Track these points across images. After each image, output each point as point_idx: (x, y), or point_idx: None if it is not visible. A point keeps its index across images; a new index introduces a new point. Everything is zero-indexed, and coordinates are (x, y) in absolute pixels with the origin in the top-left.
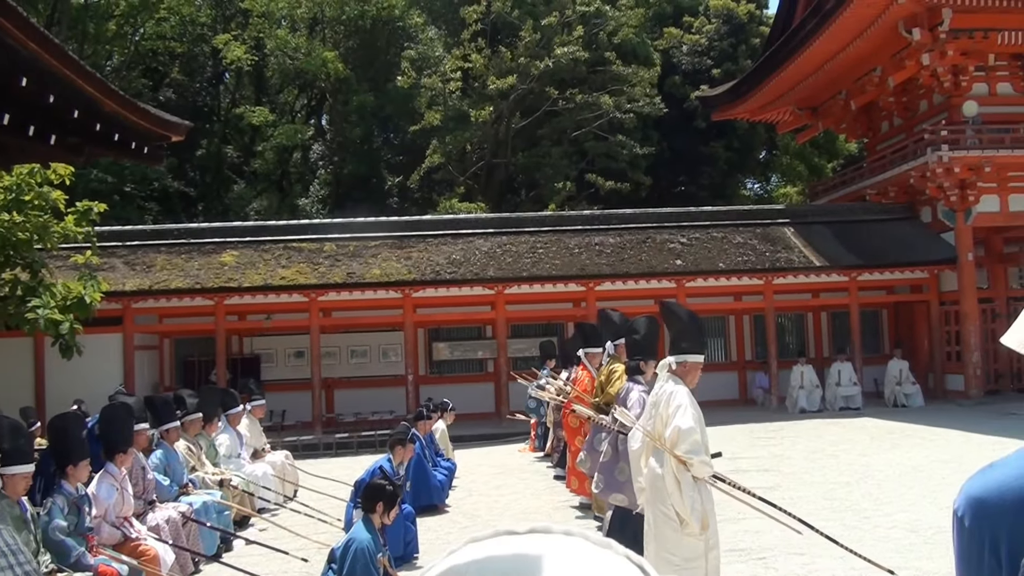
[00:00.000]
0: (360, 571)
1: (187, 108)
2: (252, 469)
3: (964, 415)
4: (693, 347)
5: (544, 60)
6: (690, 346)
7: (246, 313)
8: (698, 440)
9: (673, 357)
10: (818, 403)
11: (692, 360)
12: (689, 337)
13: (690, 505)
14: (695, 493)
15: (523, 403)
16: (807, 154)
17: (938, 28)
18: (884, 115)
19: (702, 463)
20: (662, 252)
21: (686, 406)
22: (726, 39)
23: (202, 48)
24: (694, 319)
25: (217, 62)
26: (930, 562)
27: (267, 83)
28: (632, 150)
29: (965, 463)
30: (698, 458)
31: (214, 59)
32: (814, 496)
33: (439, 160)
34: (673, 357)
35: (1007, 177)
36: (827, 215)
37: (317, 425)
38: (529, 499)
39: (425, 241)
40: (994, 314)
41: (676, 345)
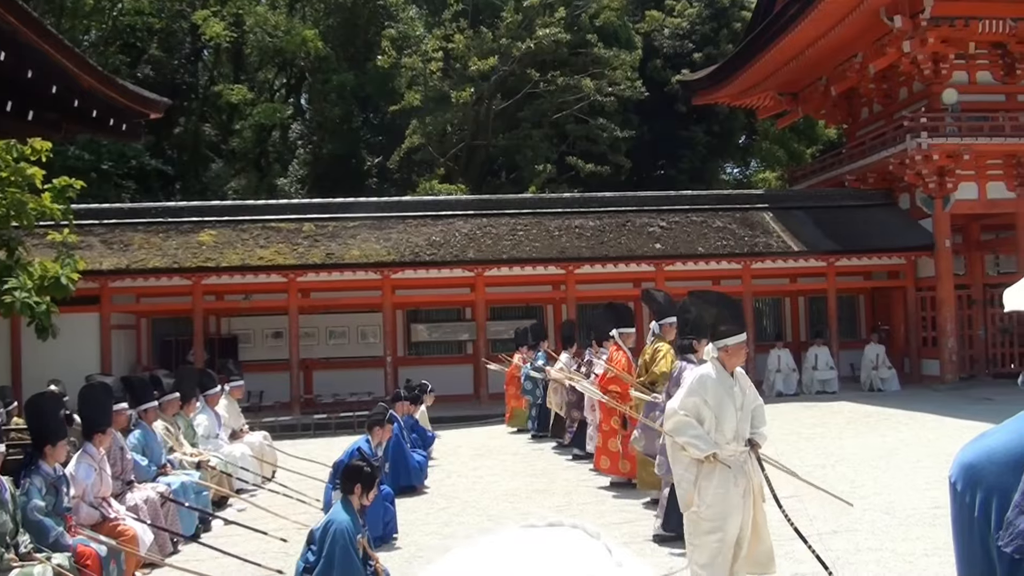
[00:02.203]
0: (340, 552)
1: (165, 85)
2: (230, 450)
3: (939, 400)
4: (731, 329)
5: (526, 41)
6: (728, 328)
7: (224, 293)
8: (683, 420)
9: (712, 344)
10: (795, 387)
11: (733, 343)
12: (725, 320)
13: (677, 481)
14: (685, 472)
15: (502, 384)
16: (787, 139)
17: (919, 15)
18: (864, 102)
19: (687, 443)
20: (642, 236)
21: (687, 388)
22: (708, 23)
23: (180, 24)
24: (724, 301)
25: (196, 39)
26: (904, 543)
27: (246, 61)
28: (612, 133)
29: (939, 447)
30: (682, 438)
31: (193, 35)
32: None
33: (419, 141)
34: (712, 344)
35: (985, 165)
36: (806, 200)
37: (295, 406)
38: (508, 480)
39: (405, 222)
40: (970, 301)
41: (715, 330)
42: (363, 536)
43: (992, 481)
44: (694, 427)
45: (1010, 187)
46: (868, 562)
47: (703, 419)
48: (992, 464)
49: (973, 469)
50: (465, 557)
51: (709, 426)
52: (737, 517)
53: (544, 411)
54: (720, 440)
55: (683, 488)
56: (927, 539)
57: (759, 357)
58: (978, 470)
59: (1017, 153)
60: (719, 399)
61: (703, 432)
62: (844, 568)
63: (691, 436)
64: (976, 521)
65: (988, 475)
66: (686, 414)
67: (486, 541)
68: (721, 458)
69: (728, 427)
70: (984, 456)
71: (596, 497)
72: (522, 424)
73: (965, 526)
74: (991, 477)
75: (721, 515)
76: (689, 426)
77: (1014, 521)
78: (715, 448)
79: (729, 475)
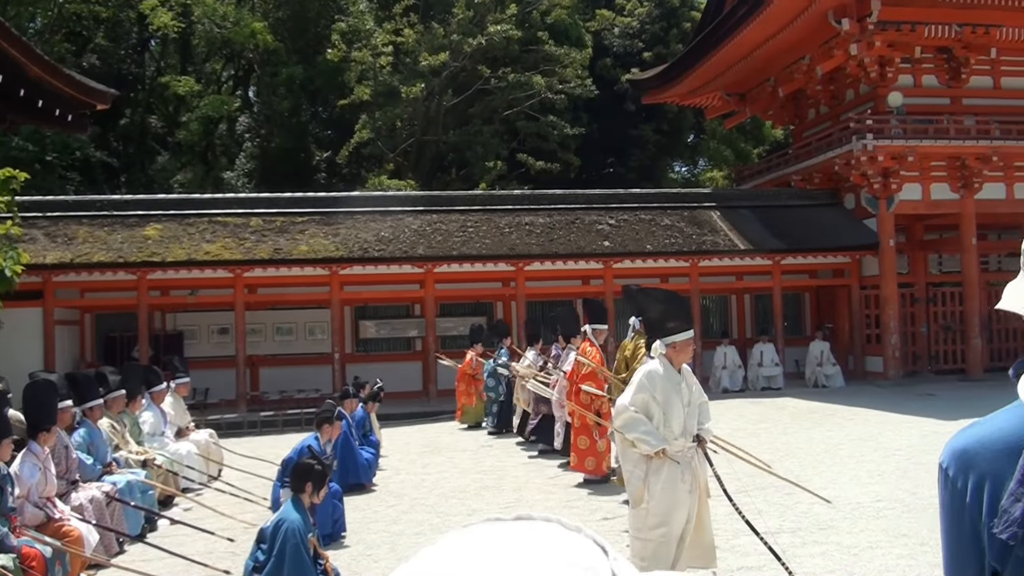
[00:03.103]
0: (291, 551)
1: (111, 76)
2: (176, 448)
3: (883, 396)
4: (679, 326)
5: (477, 37)
6: (676, 325)
7: (170, 288)
8: (633, 417)
9: (660, 340)
10: (740, 383)
11: (680, 339)
12: (673, 316)
13: (627, 477)
14: (635, 468)
15: (451, 381)
16: (734, 139)
17: (867, 19)
18: (811, 103)
19: (637, 439)
20: (591, 233)
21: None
22: (658, 22)
23: (128, 13)
24: (672, 298)
25: (143, 28)
26: (850, 536)
27: (193, 52)
28: (563, 131)
29: (883, 441)
30: (632, 434)
31: (140, 25)
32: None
33: (369, 136)
34: (660, 340)
35: (929, 167)
36: (753, 200)
37: (242, 403)
38: (457, 478)
39: (353, 218)
40: (913, 299)
41: (662, 327)
42: (314, 535)
43: (985, 467)
44: (644, 423)
45: (953, 188)
46: (814, 555)
47: (652, 415)
48: (986, 450)
49: (966, 455)
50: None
51: (658, 422)
52: (683, 512)
53: (506, 408)
54: (668, 436)
55: (633, 484)
56: (871, 532)
57: (706, 354)
58: (971, 455)
59: (961, 155)
60: (667, 395)
61: (653, 428)
62: (790, 560)
63: (641, 432)
64: (968, 506)
65: (981, 461)
66: (636, 410)
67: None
68: (670, 454)
69: (676, 423)
70: (977, 442)
71: (544, 494)
72: (473, 420)
73: (956, 511)
74: (984, 463)
75: (668, 510)
76: (639, 422)
77: (1009, 508)
78: (664, 444)
79: (677, 471)
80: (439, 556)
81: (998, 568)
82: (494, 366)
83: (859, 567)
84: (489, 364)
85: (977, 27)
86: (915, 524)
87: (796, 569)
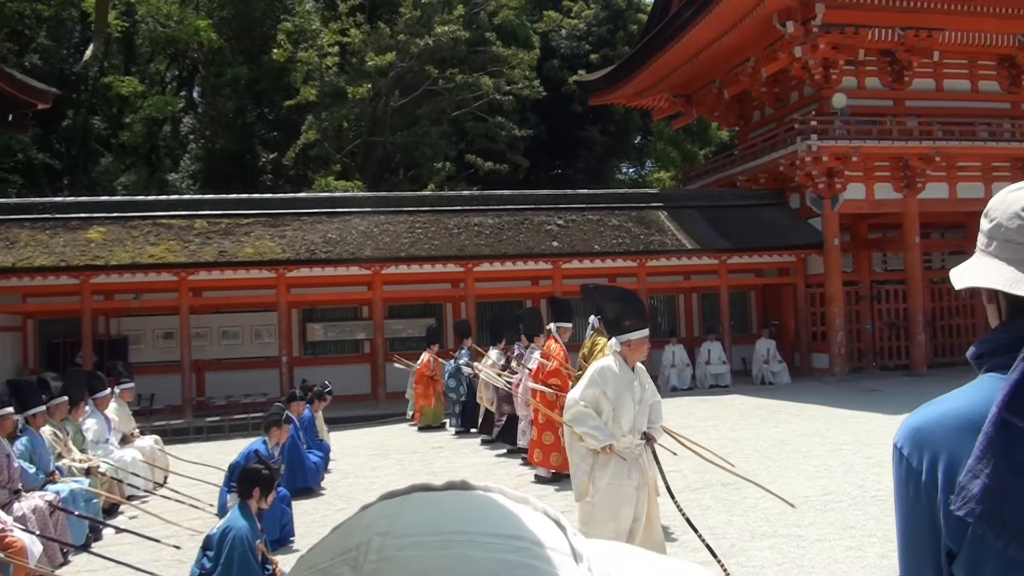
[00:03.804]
0: (238, 559)
1: (53, 75)
2: (121, 455)
3: (828, 392)
4: (634, 324)
5: (424, 38)
6: (631, 324)
7: (113, 292)
8: (582, 411)
9: (616, 338)
10: (688, 381)
11: (635, 338)
12: (628, 315)
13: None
14: (581, 462)
15: (400, 383)
16: (680, 140)
17: (811, 22)
18: (756, 105)
19: (585, 433)
20: (539, 234)
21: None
22: (604, 24)
23: (70, 12)
24: (628, 296)
25: (86, 27)
26: (798, 529)
27: (137, 51)
28: (511, 132)
29: (829, 436)
30: (580, 428)
31: (83, 24)
32: (686, 470)
33: (315, 137)
34: (616, 338)
35: (873, 167)
36: (699, 200)
37: (187, 409)
38: (407, 480)
39: (300, 219)
40: (858, 296)
41: (618, 325)
42: (261, 542)
43: (941, 445)
44: (593, 418)
45: (897, 188)
46: (762, 548)
47: (601, 411)
48: (942, 428)
49: (921, 433)
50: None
51: (607, 418)
52: (629, 509)
53: (470, 408)
54: (616, 432)
55: (578, 478)
56: (818, 524)
57: (655, 353)
58: (927, 434)
59: (904, 156)
60: (619, 392)
61: (601, 423)
62: (740, 554)
63: (589, 427)
64: (923, 484)
65: (937, 439)
66: (585, 405)
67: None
68: (617, 450)
69: (625, 420)
70: (934, 421)
71: None
72: (431, 422)
73: (911, 490)
74: (940, 441)
75: (614, 506)
76: (588, 417)
77: (967, 485)
78: (612, 440)
79: (624, 467)
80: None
81: (953, 547)
82: (456, 366)
83: (808, 559)
84: (451, 364)
85: (920, 31)
86: (862, 516)
87: (746, 562)
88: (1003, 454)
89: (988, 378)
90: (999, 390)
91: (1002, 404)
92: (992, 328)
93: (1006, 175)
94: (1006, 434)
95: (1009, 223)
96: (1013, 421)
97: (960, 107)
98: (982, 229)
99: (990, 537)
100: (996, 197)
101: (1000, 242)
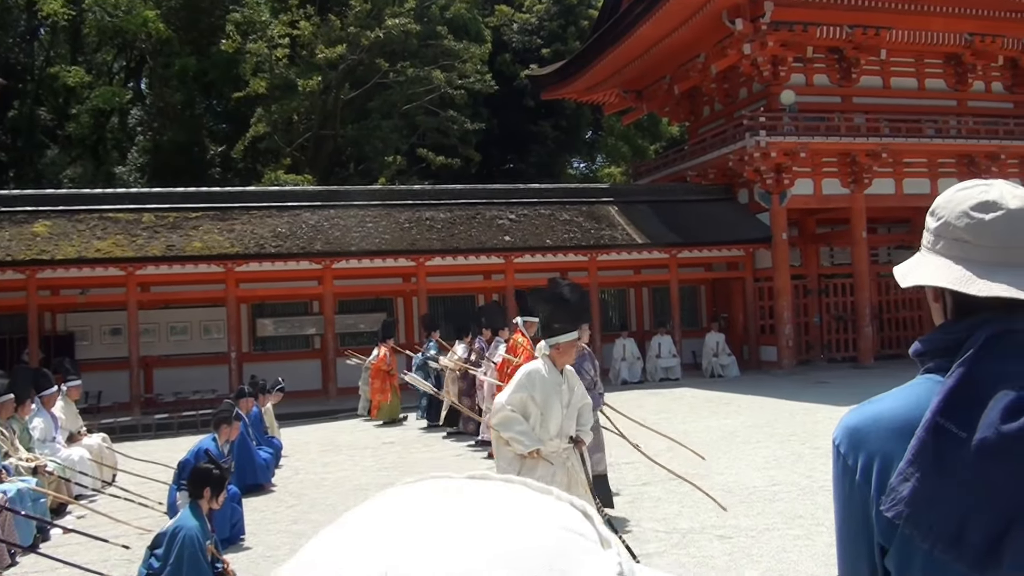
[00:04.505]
0: (188, 559)
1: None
2: (68, 453)
3: (777, 384)
4: (564, 327)
5: (375, 31)
6: (561, 327)
7: (60, 287)
8: (509, 415)
9: (545, 341)
10: (639, 375)
11: (564, 341)
12: (559, 318)
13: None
14: (508, 467)
15: (352, 379)
16: (631, 136)
17: (760, 20)
18: (706, 100)
19: (512, 438)
20: (491, 228)
21: (515, 383)
22: (556, 19)
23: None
24: (559, 298)
25: (32, 16)
26: (747, 519)
27: (84, 41)
28: (463, 126)
29: (778, 428)
30: (507, 433)
31: (29, 12)
32: (637, 462)
33: (264, 130)
34: (545, 341)
35: (821, 163)
36: (650, 195)
37: (135, 406)
38: (358, 476)
39: (249, 213)
40: (806, 290)
41: (548, 328)
42: (212, 542)
43: (876, 445)
44: (520, 423)
45: (844, 184)
46: (712, 539)
47: (529, 415)
48: (877, 429)
49: (858, 433)
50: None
51: (535, 422)
52: None
53: (435, 401)
54: (544, 436)
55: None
56: (767, 514)
57: (605, 346)
58: (863, 434)
59: (851, 152)
60: (547, 396)
61: (528, 428)
62: (690, 545)
63: (516, 432)
64: (858, 483)
65: (873, 439)
66: (512, 409)
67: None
68: (544, 454)
69: (553, 424)
70: (870, 421)
71: None
72: (388, 417)
73: (847, 487)
74: (875, 441)
75: None
76: (515, 421)
77: (897, 488)
78: (539, 445)
79: (550, 471)
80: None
81: (885, 544)
82: (423, 359)
83: (757, 549)
84: (418, 358)
85: (868, 28)
86: (810, 506)
87: (696, 553)
88: (934, 459)
89: (926, 379)
90: (936, 394)
91: (936, 409)
92: (936, 327)
93: (952, 171)
94: (938, 439)
95: (957, 221)
96: (946, 427)
97: (907, 104)
98: (928, 227)
99: (917, 538)
100: (943, 196)
101: (948, 240)
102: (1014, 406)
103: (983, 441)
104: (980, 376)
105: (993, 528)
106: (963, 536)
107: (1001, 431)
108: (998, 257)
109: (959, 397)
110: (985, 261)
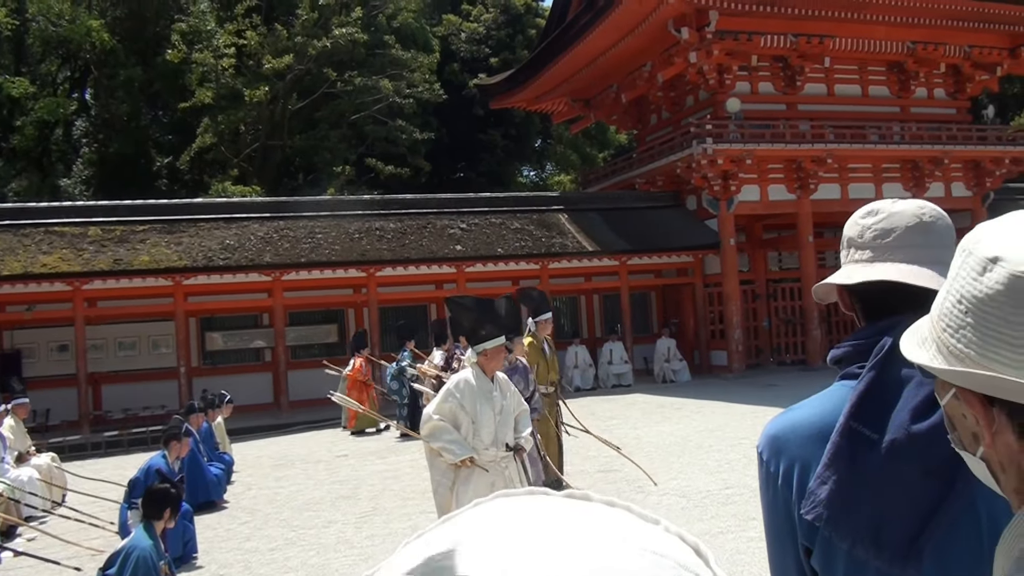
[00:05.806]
0: None
1: None
2: (17, 474)
3: (728, 388)
4: (490, 333)
5: (322, 40)
6: (487, 332)
7: (5, 304)
8: (438, 425)
9: (472, 348)
10: (591, 381)
11: (491, 346)
12: (484, 324)
13: (434, 487)
14: (442, 478)
15: (305, 392)
16: (580, 144)
17: (705, 29)
18: (653, 108)
19: (442, 448)
20: (442, 237)
21: (443, 393)
22: (504, 28)
23: None
24: (483, 305)
25: None
26: (700, 523)
27: (28, 51)
28: (412, 135)
29: (729, 432)
30: (437, 443)
31: None
32: (590, 469)
33: (211, 140)
34: (472, 348)
35: (767, 169)
36: (599, 202)
37: (84, 424)
38: (312, 490)
39: (197, 225)
40: (754, 295)
41: (475, 334)
42: (165, 562)
43: (795, 452)
44: (449, 432)
45: (790, 189)
46: None
47: (460, 424)
48: (796, 436)
49: (778, 440)
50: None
51: (467, 431)
52: None
53: (413, 409)
54: (478, 445)
55: (439, 494)
56: (721, 518)
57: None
58: (783, 441)
59: (797, 158)
60: (477, 404)
61: (459, 437)
62: None
63: (446, 441)
64: (779, 489)
65: (791, 446)
66: (441, 419)
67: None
68: (479, 463)
69: (486, 432)
70: (789, 428)
71: (401, 500)
72: (365, 426)
73: (771, 493)
74: (794, 448)
75: None
76: (444, 431)
77: (815, 491)
78: (471, 453)
79: (487, 479)
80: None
81: (809, 546)
82: (398, 368)
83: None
84: (393, 367)
85: (812, 37)
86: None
87: None
88: (848, 461)
89: (841, 385)
90: (847, 399)
91: (848, 413)
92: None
93: (896, 176)
94: (852, 442)
95: (850, 230)
96: (859, 429)
97: (851, 111)
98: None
99: (836, 539)
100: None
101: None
102: (922, 407)
103: (894, 442)
104: (889, 379)
105: (909, 526)
106: (881, 535)
107: (911, 431)
108: (878, 254)
109: (870, 400)
110: (867, 259)
